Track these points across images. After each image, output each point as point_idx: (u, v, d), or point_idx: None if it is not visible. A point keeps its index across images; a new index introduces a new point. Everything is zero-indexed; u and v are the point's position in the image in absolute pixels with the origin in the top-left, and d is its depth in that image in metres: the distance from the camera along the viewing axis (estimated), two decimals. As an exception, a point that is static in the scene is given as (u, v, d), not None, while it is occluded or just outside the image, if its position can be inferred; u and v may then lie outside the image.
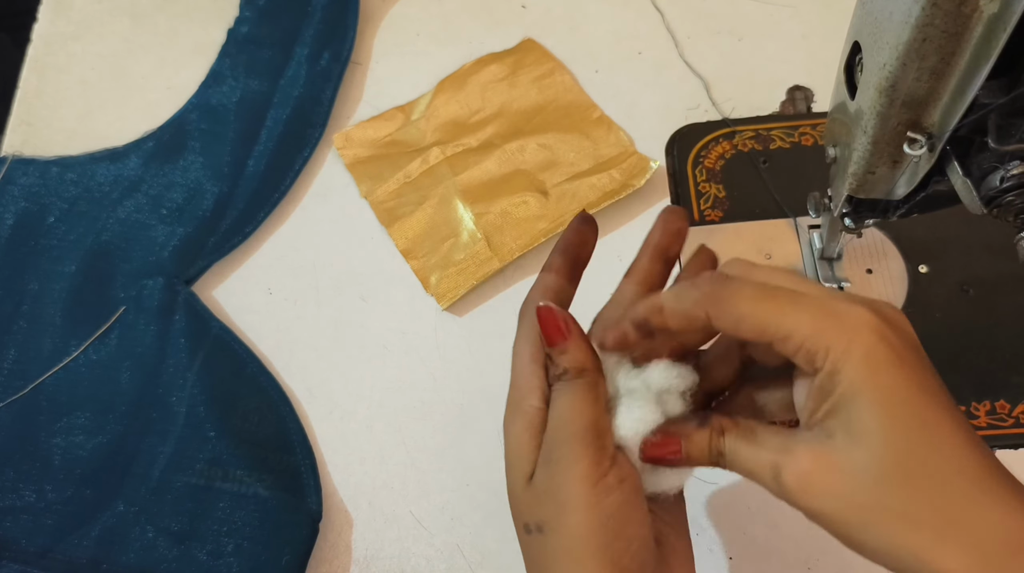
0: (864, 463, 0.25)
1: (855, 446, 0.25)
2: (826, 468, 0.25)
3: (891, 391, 0.25)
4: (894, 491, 0.24)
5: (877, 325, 0.26)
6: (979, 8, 0.25)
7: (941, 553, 0.24)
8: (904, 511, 0.24)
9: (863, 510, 0.25)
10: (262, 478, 0.48)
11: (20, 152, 0.61)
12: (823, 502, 0.26)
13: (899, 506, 0.24)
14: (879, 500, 0.25)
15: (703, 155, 0.57)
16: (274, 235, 0.58)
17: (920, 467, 0.24)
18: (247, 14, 0.65)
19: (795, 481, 0.26)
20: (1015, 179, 0.29)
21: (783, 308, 0.26)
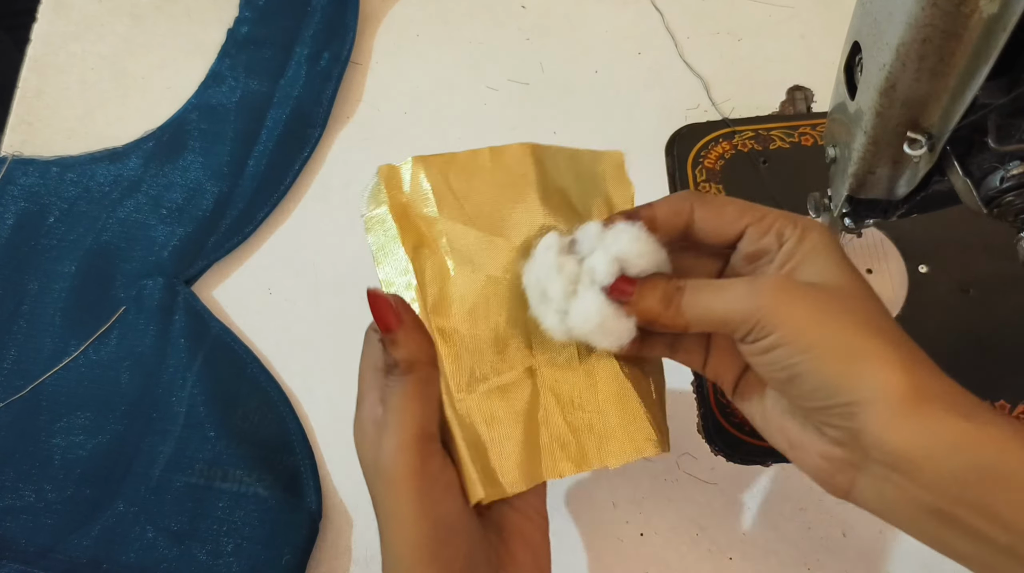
0: (829, 286, 0.29)
1: (821, 278, 0.29)
2: (798, 282, 0.29)
3: (843, 257, 0.30)
4: (853, 308, 0.28)
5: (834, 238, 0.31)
6: (979, 8, 0.25)
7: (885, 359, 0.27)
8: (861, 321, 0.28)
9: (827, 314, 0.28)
10: (262, 478, 0.48)
11: (20, 152, 0.61)
12: (790, 303, 0.28)
13: (858, 317, 0.28)
14: (840, 310, 0.28)
15: (703, 155, 0.57)
16: (274, 235, 0.58)
17: (871, 303, 0.29)
18: (247, 14, 0.65)
19: (772, 282, 0.29)
20: (1015, 179, 0.29)
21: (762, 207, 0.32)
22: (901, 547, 0.45)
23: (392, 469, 0.29)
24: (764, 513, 0.47)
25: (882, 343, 0.27)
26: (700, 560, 0.46)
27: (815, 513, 0.46)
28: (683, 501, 0.47)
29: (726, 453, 0.48)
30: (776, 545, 0.46)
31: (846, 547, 0.46)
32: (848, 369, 0.27)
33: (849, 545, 0.46)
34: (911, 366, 0.27)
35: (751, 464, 0.48)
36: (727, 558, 0.46)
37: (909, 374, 0.26)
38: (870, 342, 0.27)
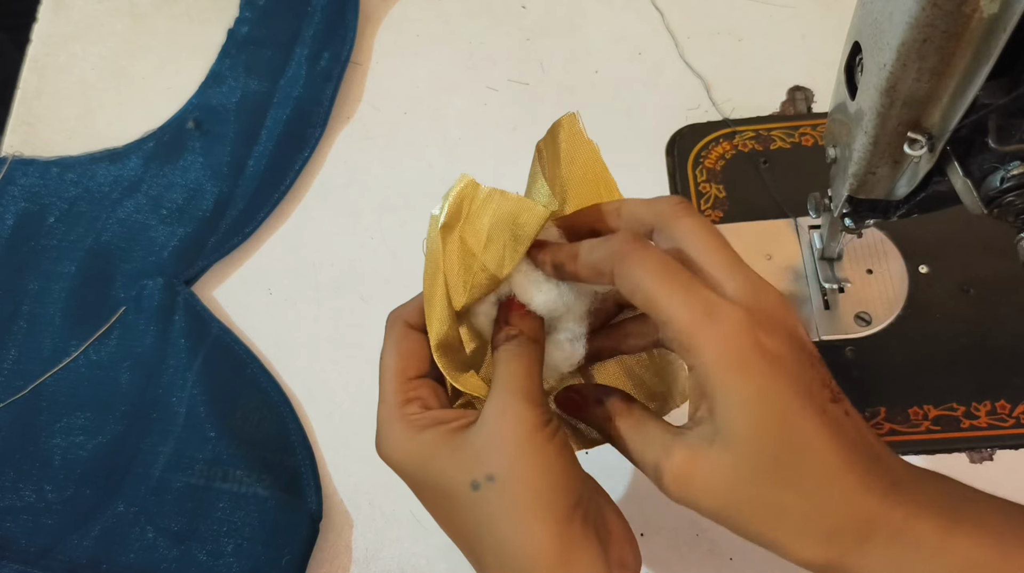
0: (734, 465, 0.26)
1: (727, 449, 0.26)
2: (701, 470, 0.27)
3: (759, 397, 0.26)
4: (762, 491, 0.26)
5: (751, 328, 0.26)
6: (979, 8, 0.25)
7: (801, 545, 0.26)
8: (771, 508, 0.26)
9: (736, 505, 0.27)
10: (262, 478, 0.48)
11: (20, 152, 0.61)
12: (700, 499, 0.27)
13: (766, 503, 0.26)
14: (749, 498, 0.26)
15: (703, 155, 0.57)
16: (274, 235, 0.58)
17: (785, 468, 0.26)
18: (247, 14, 0.64)
19: (673, 482, 0.27)
20: (1015, 179, 0.29)
21: (672, 294, 0.27)
22: (901, 547, 0.45)
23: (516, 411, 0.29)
24: (764, 513, 0.47)
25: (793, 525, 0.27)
26: (700, 560, 0.46)
27: (815, 513, 0.46)
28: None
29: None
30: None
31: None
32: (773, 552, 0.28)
33: (849, 545, 0.46)
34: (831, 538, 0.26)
35: (751, 464, 0.48)
36: (727, 558, 0.46)
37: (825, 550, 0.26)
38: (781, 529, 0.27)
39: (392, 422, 0.31)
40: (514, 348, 0.31)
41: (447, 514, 0.31)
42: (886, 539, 0.26)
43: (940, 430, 0.47)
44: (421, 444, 0.30)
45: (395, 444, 0.30)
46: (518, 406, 0.29)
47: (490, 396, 0.30)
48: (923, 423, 0.47)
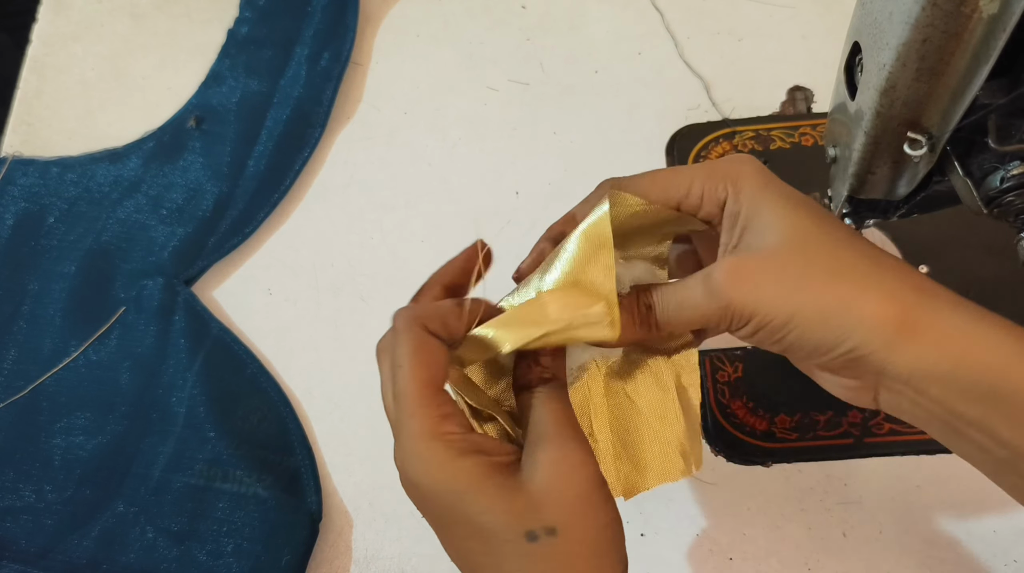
0: (784, 243, 0.27)
1: (771, 237, 0.28)
2: (753, 259, 0.28)
3: (785, 194, 0.29)
4: (817, 256, 0.27)
5: (751, 158, 0.30)
6: (979, 9, 0.25)
7: (867, 295, 0.26)
8: (829, 268, 0.27)
9: (792, 279, 0.27)
10: (262, 478, 0.48)
11: (20, 152, 0.61)
12: (756, 288, 0.27)
13: (824, 265, 0.27)
14: (805, 266, 0.27)
15: (703, 155, 0.57)
16: (274, 235, 0.58)
17: (834, 237, 0.28)
18: (247, 14, 0.64)
19: (725, 277, 0.28)
20: (1015, 179, 0.29)
21: (677, 173, 0.30)
22: (901, 547, 0.45)
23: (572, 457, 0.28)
24: (764, 513, 0.47)
25: (855, 284, 0.27)
26: (700, 560, 0.46)
27: (815, 513, 0.46)
28: (684, 501, 0.47)
29: (726, 453, 0.48)
30: (776, 545, 0.46)
31: (846, 547, 0.46)
32: (834, 324, 0.27)
33: (849, 545, 0.46)
34: (895, 294, 0.26)
35: (751, 464, 0.48)
36: (727, 558, 0.46)
37: (895, 303, 0.26)
38: (843, 288, 0.27)
39: (427, 439, 0.27)
40: (553, 392, 0.30)
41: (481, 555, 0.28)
42: (949, 303, 0.27)
43: (940, 430, 0.47)
44: (461, 471, 0.27)
45: (430, 466, 0.27)
46: (579, 456, 0.28)
47: (541, 440, 0.28)
48: (923, 423, 0.47)
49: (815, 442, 0.47)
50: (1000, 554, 0.45)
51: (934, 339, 0.26)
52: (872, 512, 0.46)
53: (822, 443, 0.47)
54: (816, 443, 0.47)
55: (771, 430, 0.48)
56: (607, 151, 0.59)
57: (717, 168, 0.30)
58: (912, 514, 0.46)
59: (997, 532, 0.45)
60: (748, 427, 0.48)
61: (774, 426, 0.48)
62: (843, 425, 0.48)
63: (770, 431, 0.48)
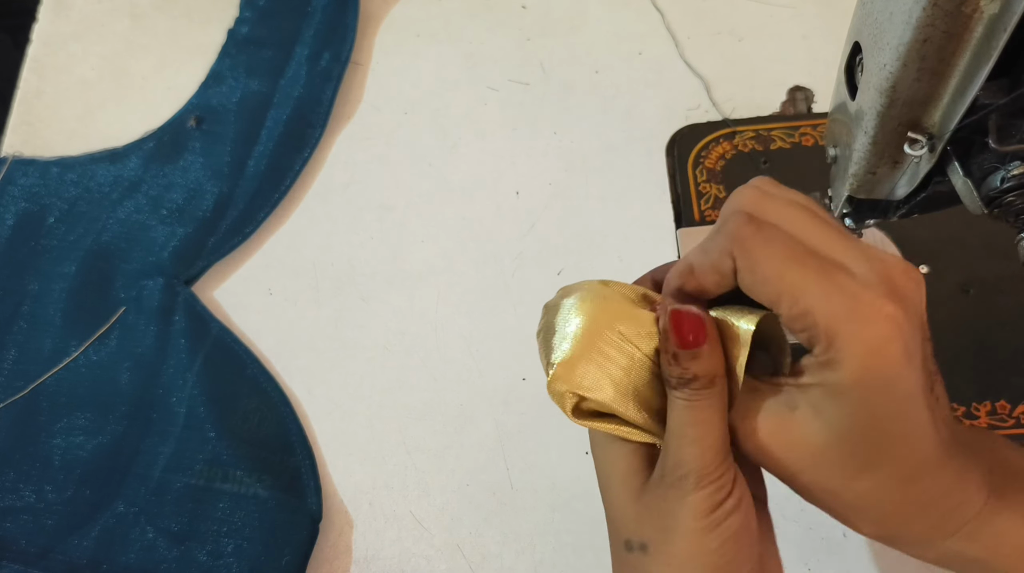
0: (827, 431, 0.25)
1: (820, 427, 0.25)
2: (786, 429, 0.26)
3: (877, 389, 0.24)
4: (849, 462, 0.25)
5: (895, 322, 0.24)
6: (979, 8, 0.25)
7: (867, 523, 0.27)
8: (855, 480, 0.26)
9: (816, 468, 0.26)
10: (262, 479, 0.48)
11: (20, 152, 0.61)
12: (782, 453, 0.26)
13: (851, 474, 0.25)
14: (834, 463, 0.26)
15: (703, 155, 0.57)
16: (274, 235, 0.58)
17: (879, 448, 0.25)
18: (247, 14, 0.64)
19: (752, 448, 0.27)
20: (1016, 179, 0.29)
21: (809, 283, 0.24)
22: (902, 547, 0.45)
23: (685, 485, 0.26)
24: (764, 513, 0.47)
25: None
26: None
27: (816, 514, 0.46)
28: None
29: (726, 453, 0.48)
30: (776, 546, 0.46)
31: (847, 547, 0.46)
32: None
33: (849, 545, 0.46)
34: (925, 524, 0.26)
35: (751, 464, 0.48)
36: (727, 558, 0.46)
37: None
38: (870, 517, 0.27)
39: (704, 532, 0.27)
40: (689, 396, 0.27)
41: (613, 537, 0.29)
42: (968, 533, 0.26)
43: (940, 430, 0.47)
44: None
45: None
46: (691, 479, 0.26)
47: (666, 455, 0.27)
48: (923, 423, 0.47)
49: (815, 442, 0.47)
50: (1000, 554, 0.45)
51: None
52: (872, 512, 0.46)
53: (822, 443, 0.47)
54: (816, 443, 0.47)
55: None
56: (607, 151, 0.59)
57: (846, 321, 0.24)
58: (912, 514, 0.46)
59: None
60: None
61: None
62: (843, 425, 0.48)
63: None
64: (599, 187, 0.57)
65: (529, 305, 0.54)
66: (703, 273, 0.27)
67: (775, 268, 0.24)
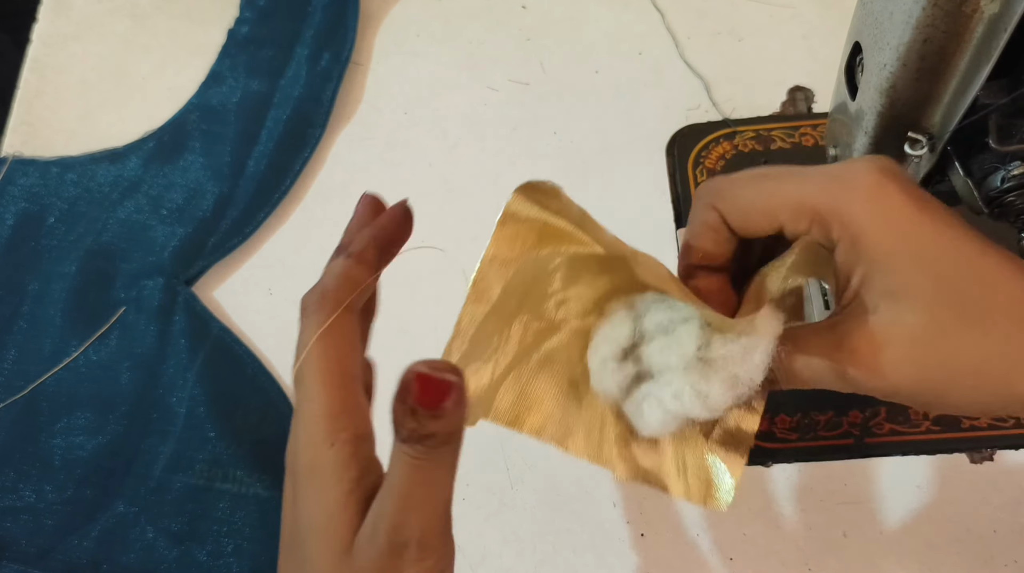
0: (922, 323, 0.24)
1: (906, 309, 0.24)
2: (887, 345, 0.24)
3: (920, 240, 0.24)
4: (961, 342, 0.23)
5: (884, 175, 0.24)
6: (980, 9, 0.25)
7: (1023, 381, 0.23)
8: (977, 357, 0.23)
9: (936, 370, 0.24)
10: (262, 479, 0.48)
11: (20, 152, 0.61)
12: (900, 379, 0.24)
13: (970, 354, 0.23)
14: (949, 356, 0.24)
15: (704, 155, 0.57)
16: (274, 235, 0.58)
17: (978, 309, 0.23)
18: (247, 14, 0.64)
19: (865, 374, 0.24)
20: (1016, 179, 0.29)
21: (784, 183, 0.25)
22: (901, 547, 0.45)
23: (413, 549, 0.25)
24: (765, 513, 0.47)
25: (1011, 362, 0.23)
26: (701, 560, 0.46)
27: (816, 513, 0.46)
28: (684, 501, 0.47)
29: (726, 453, 0.48)
30: (777, 545, 0.46)
31: (846, 547, 0.46)
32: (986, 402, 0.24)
33: (849, 545, 0.46)
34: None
35: (752, 465, 0.48)
36: (728, 558, 0.46)
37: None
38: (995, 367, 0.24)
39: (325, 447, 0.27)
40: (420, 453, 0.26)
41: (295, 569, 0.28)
42: None
43: (940, 430, 0.47)
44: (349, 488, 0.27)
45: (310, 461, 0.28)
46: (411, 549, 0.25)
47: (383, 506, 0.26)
48: (923, 423, 0.47)
49: (815, 442, 0.47)
50: (1000, 554, 0.45)
51: None
52: (872, 512, 0.46)
53: (822, 443, 0.47)
54: (816, 443, 0.47)
55: (771, 430, 0.48)
56: (607, 151, 0.59)
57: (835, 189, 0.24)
58: (912, 514, 0.46)
59: (997, 532, 0.45)
60: (748, 427, 0.48)
61: (774, 426, 0.48)
62: (843, 425, 0.48)
63: (770, 431, 0.48)
64: (599, 187, 0.57)
65: (529, 305, 0.54)
66: (698, 238, 0.27)
67: (749, 189, 0.26)
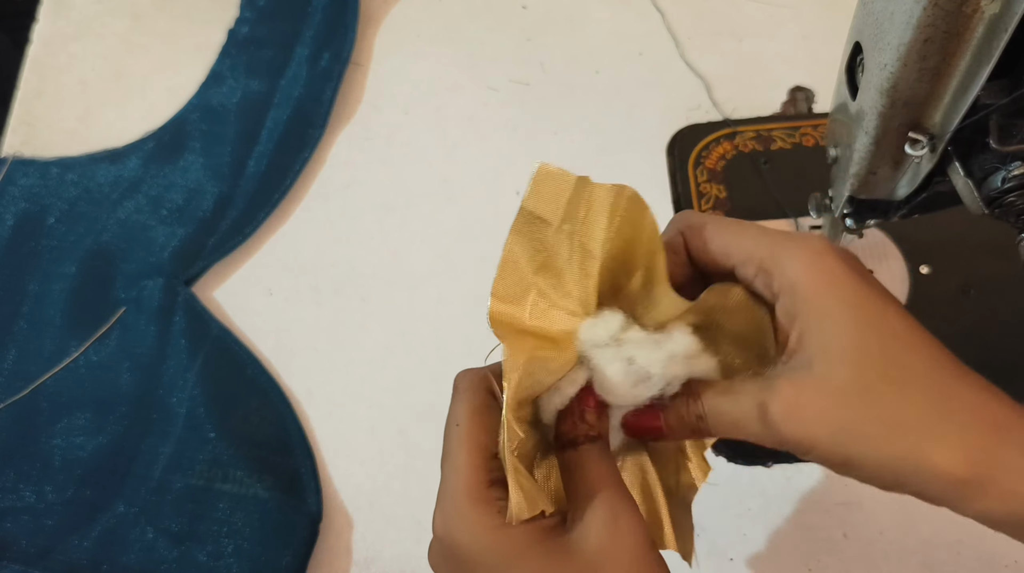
0: (846, 379, 0.25)
1: (834, 365, 0.25)
2: (811, 394, 0.25)
3: (856, 303, 0.26)
4: (881, 400, 0.25)
5: (829, 245, 0.27)
6: (980, 9, 0.25)
7: (933, 449, 0.24)
8: (893, 418, 0.25)
9: (853, 425, 0.25)
10: (262, 479, 0.48)
11: (20, 152, 0.61)
12: (813, 428, 0.25)
13: (887, 414, 0.25)
14: (867, 413, 0.25)
15: (704, 155, 0.57)
16: (274, 236, 0.58)
17: (901, 372, 0.25)
18: (247, 14, 0.64)
19: (782, 414, 0.26)
20: (1016, 180, 0.29)
21: (744, 232, 0.28)
22: (901, 547, 0.45)
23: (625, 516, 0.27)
24: (765, 514, 0.47)
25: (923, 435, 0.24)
26: (701, 560, 0.46)
27: (816, 514, 0.46)
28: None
29: (727, 454, 0.48)
30: (777, 546, 0.46)
31: (846, 547, 0.46)
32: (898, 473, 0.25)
33: (849, 545, 0.46)
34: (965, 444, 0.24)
35: (752, 465, 0.48)
36: (728, 559, 0.46)
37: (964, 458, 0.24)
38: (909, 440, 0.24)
39: (475, 504, 0.27)
40: (599, 450, 0.29)
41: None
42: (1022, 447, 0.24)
43: (941, 431, 0.47)
44: (511, 537, 0.26)
45: (477, 530, 0.27)
46: (633, 517, 0.27)
47: (590, 500, 0.27)
48: (924, 424, 0.47)
49: (816, 442, 0.47)
50: (1000, 554, 0.45)
51: (1002, 494, 0.24)
52: (872, 512, 0.46)
53: (823, 443, 0.47)
54: (817, 443, 0.47)
55: (772, 430, 0.48)
56: (607, 151, 0.59)
57: (781, 253, 0.27)
58: (912, 514, 0.46)
59: (997, 532, 0.45)
60: (749, 427, 0.48)
61: (775, 426, 0.48)
62: (844, 425, 0.47)
63: (771, 431, 0.48)
64: (599, 187, 0.57)
65: (529, 305, 0.54)
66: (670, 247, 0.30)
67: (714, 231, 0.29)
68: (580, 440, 0.29)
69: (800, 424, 0.25)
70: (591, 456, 0.29)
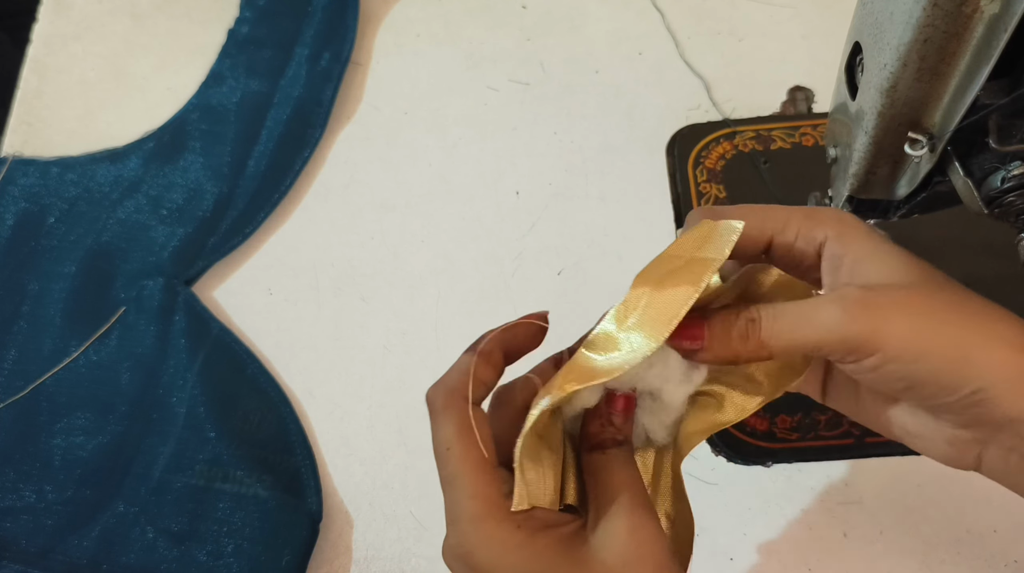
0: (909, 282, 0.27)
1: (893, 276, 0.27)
2: (881, 293, 0.27)
3: (892, 245, 0.28)
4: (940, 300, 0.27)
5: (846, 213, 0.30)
6: (980, 8, 0.25)
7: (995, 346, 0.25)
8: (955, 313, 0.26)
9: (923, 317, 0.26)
10: (262, 479, 0.48)
11: (20, 152, 0.61)
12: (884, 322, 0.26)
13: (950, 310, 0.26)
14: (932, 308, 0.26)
15: (704, 155, 0.57)
16: (274, 235, 0.58)
17: (949, 286, 0.27)
18: (247, 14, 0.64)
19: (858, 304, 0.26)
20: (1016, 179, 0.29)
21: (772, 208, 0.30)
22: (902, 547, 0.45)
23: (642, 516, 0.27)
24: (765, 514, 0.47)
25: (984, 331, 0.26)
26: (701, 560, 0.46)
27: (816, 514, 0.46)
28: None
29: (727, 454, 0.48)
30: (777, 545, 0.46)
31: (847, 547, 0.46)
32: (964, 365, 0.25)
33: (850, 545, 0.46)
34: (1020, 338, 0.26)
35: (752, 465, 0.48)
36: (728, 558, 0.46)
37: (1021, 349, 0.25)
38: (973, 332, 0.26)
39: (498, 524, 0.26)
40: (624, 455, 0.29)
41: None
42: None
43: (941, 430, 0.47)
44: (537, 552, 0.26)
45: (501, 549, 0.26)
46: (653, 525, 0.27)
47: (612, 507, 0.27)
48: (924, 423, 0.47)
49: (816, 442, 0.47)
50: (1000, 554, 0.45)
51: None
52: (873, 512, 0.46)
53: (823, 443, 0.47)
54: (817, 443, 0.47)
55: (772, 430, 0.48)
56: (607, 151, 0.59)
57: (816, 212, 0.29)
58: (912, 514, 0.46)
59: (997, 532, 0.45)
60: (749, 427, 0.48)
61: (775, 426, 0.48)
62: (844, 425, 0.48)
63: (771, 431, 0.48)
64: (599, 187, 0.57)
65: (529, 305, 0.54)
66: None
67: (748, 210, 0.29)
68: (607, 443, 0.29)
69: (875, 315, 0.26)
70: (617, 461, 0.29)
